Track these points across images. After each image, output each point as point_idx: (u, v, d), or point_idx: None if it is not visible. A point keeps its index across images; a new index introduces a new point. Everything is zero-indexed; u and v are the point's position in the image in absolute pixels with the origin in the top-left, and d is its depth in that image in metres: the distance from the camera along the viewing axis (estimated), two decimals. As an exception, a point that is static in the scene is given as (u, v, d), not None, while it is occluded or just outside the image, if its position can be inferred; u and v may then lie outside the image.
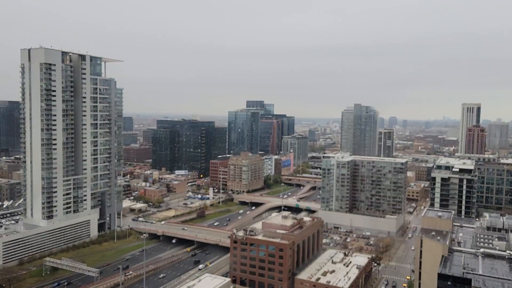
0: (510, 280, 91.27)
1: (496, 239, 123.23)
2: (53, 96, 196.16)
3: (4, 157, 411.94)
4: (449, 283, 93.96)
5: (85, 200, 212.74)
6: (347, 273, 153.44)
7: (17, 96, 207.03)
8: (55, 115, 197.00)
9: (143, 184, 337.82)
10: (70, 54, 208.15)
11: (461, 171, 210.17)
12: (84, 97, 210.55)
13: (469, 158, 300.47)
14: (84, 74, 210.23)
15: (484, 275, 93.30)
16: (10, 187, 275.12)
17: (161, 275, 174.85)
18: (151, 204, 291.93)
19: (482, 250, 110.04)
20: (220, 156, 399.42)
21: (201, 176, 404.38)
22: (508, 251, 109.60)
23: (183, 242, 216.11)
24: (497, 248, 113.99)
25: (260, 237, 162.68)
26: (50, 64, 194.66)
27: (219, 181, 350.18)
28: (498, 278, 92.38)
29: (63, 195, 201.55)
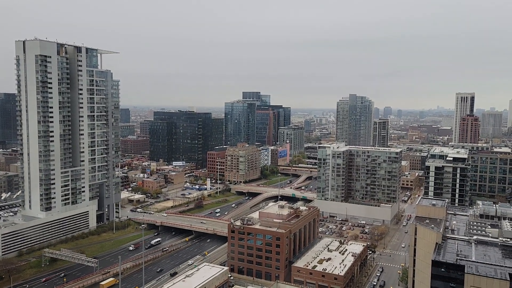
0: (502, 266, 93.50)
1: (489, 227, 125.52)
2: (49, 88, 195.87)
3: (1, 150, 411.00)
4: (442, 269, 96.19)
5: (83, 191, 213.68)
6: (343, 260, 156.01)
7: (13, 88, 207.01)
8: (51, 107, 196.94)
9: (141, 175, 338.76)
10: (65, 46, 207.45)
11: (455, 160, 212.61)
12: (81, 89, 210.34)
13: (462, 147, 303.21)
14: (80, 66, 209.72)
15: (477, 262, 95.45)
16: (7, 179, 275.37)
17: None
18: (149, 195, 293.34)
19: (475, 237, 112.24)
20: (217, 147, 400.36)
21: (199, 167, 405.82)
22: (500, 238, 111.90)
23: (181, 232, 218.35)
24: (490, 235, 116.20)
25: (257, 226, 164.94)
26: (45, 56, 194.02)
27: (217, 171, 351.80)
28: (491, 264, 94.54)
29: (61, 187, 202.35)
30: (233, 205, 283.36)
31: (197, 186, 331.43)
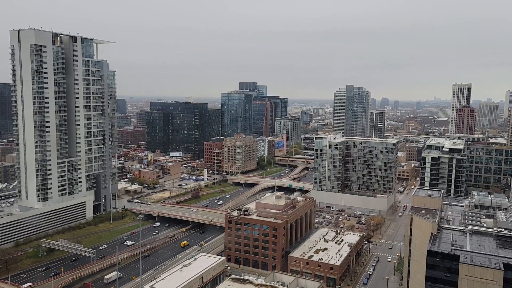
0: (496, 256, 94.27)
1: (484, 217, 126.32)
2: (45, 78, 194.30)
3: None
4: (437, 259, 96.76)
5: (80, 182, 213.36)
6: (339, 250, 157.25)
7: (8, 78, 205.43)
8: (47, 97, 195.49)
9: (138, 166, 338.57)
10: (61, 35, 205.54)
11: (451, 150, 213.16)
12: (76, 79, 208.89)
13: (459, 138, 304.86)
14: (76, 55, 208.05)
15: (471, 252, 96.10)
16: (3, 169, 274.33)
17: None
18: (146, 185, 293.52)
19: (470, 227, 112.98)
20: (214, 138, 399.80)
21: (195, 157, 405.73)
22: (495, 228, 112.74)
23: (178, 222, 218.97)
24: (485, 225, 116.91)
25: (254, 216, 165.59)
26: (40, 46, 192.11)
27: (213, 162, 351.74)
28: (485, 254, 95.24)
29: (58, 178, 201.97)
30: (227, 196, 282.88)
31: (194, 177, 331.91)
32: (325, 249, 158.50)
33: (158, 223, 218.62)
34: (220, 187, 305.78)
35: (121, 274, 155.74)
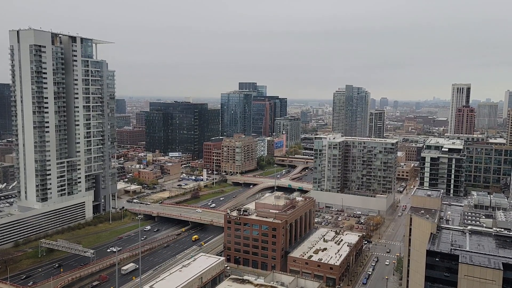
0: (496, 256, 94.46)
1: (483, 217, 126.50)
2: (44, 78, 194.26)
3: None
4: (437, 259, 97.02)
5: (79, 182, 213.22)
6: (338, 250, 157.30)
7: (8, 78, 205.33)
8: (46, 98, 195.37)
9: (137, 166, 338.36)
10: (60, 35, 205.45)
11: (450, 150, 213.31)
12: (76, 79, 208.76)
13: (458, 138, 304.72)
14: (75, 56, 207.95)
15: (471, 251, 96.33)
16: (3, 170, 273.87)
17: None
18: (146, 185, 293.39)
19: (469, 227, 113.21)
20: (213, 138, 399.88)
21: (195, 158, 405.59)
22: (494, 228, 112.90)
23: (178, 222, 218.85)
24: (484, 225, 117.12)
25: (253, 217, 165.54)
26: (40, 46, 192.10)
27: (213, 162, 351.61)
28: (485, 254, 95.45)
29: (57, 178, 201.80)
30: (221, 198, 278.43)
31: (193, 177, 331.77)
32: (325, 249, 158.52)
33: (148, 227, 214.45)
34: (220, 187, 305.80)
35: (137, 266, 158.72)
